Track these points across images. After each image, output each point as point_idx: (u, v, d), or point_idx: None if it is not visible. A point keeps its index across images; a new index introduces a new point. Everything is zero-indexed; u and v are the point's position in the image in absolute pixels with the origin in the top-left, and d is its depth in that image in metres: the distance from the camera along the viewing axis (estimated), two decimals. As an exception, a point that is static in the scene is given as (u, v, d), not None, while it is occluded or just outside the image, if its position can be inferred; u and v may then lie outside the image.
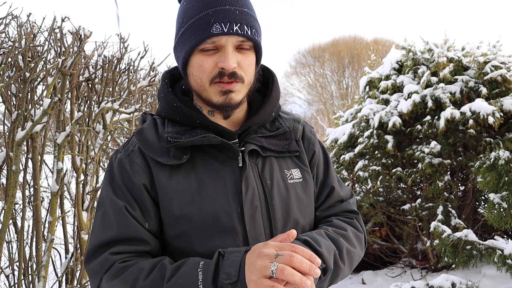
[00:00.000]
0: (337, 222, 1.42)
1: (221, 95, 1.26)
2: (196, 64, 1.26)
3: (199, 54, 1.25)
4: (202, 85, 1.27)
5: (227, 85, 1.25)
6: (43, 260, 3.14)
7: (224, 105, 1.28)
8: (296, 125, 1.48)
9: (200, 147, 1.30)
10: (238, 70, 1.25)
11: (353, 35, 36.05)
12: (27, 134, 2.97)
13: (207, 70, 1.24)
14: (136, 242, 1.24)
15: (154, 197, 1.27)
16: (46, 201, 3.57)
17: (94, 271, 1.23)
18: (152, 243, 1.27)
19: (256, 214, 1.27)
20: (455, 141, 5.05)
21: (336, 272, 1.30)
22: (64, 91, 3.23)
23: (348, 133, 6.02)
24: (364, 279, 5.64)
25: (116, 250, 1.23)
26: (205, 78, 1.25)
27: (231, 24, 1.21)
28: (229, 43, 1.23)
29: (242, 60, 1.26)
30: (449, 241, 4.01)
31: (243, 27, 1.22)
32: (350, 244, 1.37)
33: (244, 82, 1.28)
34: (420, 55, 5.72)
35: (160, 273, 1.17)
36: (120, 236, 1.24)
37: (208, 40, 1.22)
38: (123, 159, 1.31)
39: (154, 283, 1.16)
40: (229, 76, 1.24)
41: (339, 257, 1.30)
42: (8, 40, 3.05)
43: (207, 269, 1.13)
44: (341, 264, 1.31)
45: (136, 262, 1.21)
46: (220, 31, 1.20)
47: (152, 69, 3.93)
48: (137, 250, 1.25)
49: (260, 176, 1.31)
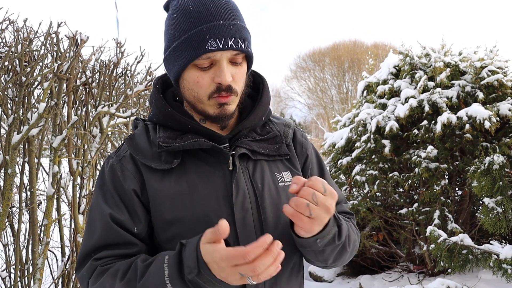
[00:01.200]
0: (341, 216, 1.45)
1: (217, 107, 1.29)
2: (191, 80, 1.27)
3: (193, 69, 1.26)
4: (200, 99, 1.29)
5: (224, 98, 1.27)
6: (39, 262, 3.15)
7: (220, 116, 1.30)
8: (287, 129, 1.49)
9: (191, 151, 1.31)
10: (233, 83, 1.27)
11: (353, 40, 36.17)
12: (23, 137, 2.98)
13: (204, 86, 1.26)
14: (120, 246, 1.26)
15: (144, 202, 1.29)
16: (43, 204, 3.58)
17: (82, 278, 1.26)
18: (138, 244, 1.28)
19: (247, 217, 1.28)
20: (451, 145, 5.05)
21: (342, 251, 1.33)
22: (60, 95, 3.24)
23: (346, 137, 6.03)
24: (361, 283, 5.64)
25: (100, 255, 1.25)
26: (202, 93, 1.27)
27: (226, 40, 1.22)
28: (223, 58, 1.24)
29: (235, 73, 1.28)
30: (445, 245, 4.02)
31: (237, 41, 1.24)
32: (354, 234, 1.41)
33: (237, 95, 1.30)
34: (417, 59, 5.74)
35: (134, 273, 1.17)
36: (103, 242, 1.25)
37: (203, 56, 1.23)
38: (115, 164, 1.32)
39: (129, 283, 1.16)
40: (225, 91, 1.26)
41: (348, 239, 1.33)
42: (5, 45, 3.07)
43: (172, 263, 1.12)
44: (347, 246, 1.34)
45: (115, 264, 1.23)
46: (216, 47, 1.21)
47: (148, 73, 3.95)
48: (121, 254, 1.26)
49: (251, 180, 1.33)
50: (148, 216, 1.29)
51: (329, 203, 1.13)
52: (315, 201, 1.10)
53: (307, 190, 1.10)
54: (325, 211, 1.12)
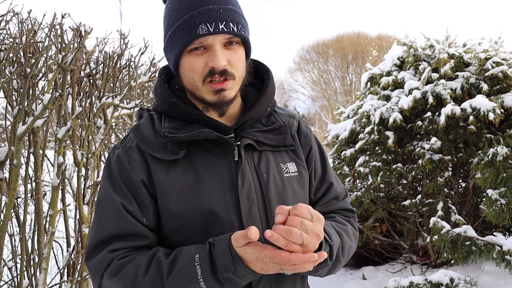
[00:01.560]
0: (339, 219, 1.46)
1: (214, 94, 1.29)
2: (187, 65, 1.29)
3: (188, 55, 1.27)
4: (195, 85, 1.30)
5: (219, 84, 1.27)
6: (44, 252, 3.18)
7: (218, 103, 1.31)
8: (291, 120, 1.50)
9: (197, 142, 1.32)
10: (229, 67, 1.27)
11: (357, 31, 36.04)
12: (28, 128, 3.00)
13: (198, 71, 1.27)
14: (134, 237, 1.27)
15: (152, 193, 1.29)
16: (48, 195, 3.60)
17: (94, 268, 1.26)
18: (150, 237, 1.29)
19: (252, 207, 1.29)
20: (455, 137, 5.05)
21: (335, 264, 1.34)
22: (64, 86, 3.25)
23: (349, 129, 6.03)
24: (364, 275, 5.66)
25: (114, 247, 1.25)
26: (197, 78, 1.28)
27: (217, 23, 1.23)
28: (216, 42, 1.25)
29: (231, 57, 1.28)
30: (448, 237, 4.03)
31: (229, 25, 1.25)
32: (350, 240, 1.42)
33: (235, 79, 1.30)
34: (421, 51, 5.72)
35: (158, 269, 1.19)
36: (118, 232, 1.26)
37: (196, 41, 1.24)
38: (121, 155, 1.33)
39: (154, 279, 1.18)
40: (220, 74, 1.26)
41: (341, 251, 1.34)
42: (9, 37, 3.07)
43: (203, 262, 1.15)
44: (341, 258, 1.35)
45: (133, 257, 1.24)
46: (206, 31, 1.23)
47: (152, 64, 3.95)
48: (135, 245, 1.27)
49: (256, 170, 1.34)
50: (156, 207, 1.30)
51: (318, 229, 1.13)
52: (305, 230, 1.09)
53: (294, 219, 1.09)
54: (315, 237, 1.12)
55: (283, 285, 1.34)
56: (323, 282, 5.74)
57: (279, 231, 1.07)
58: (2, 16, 2.92)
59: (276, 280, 1.32)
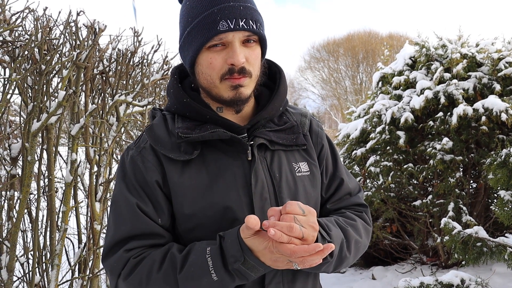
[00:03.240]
0: (348, 214, 1.46)
1: (231, 90, 1.29)
2: (205, 62, 1.29)
3: (207, 52, 1.28)
4: (213, 82, 1.30)
5: (237, 80, 1.27)
6: (57, 249, 3.20)
7: (235, 99, 1.30)
8: (303, 119, 1.50)
9: (210, 142, 1.32)
10: (247, 65, 1.28)
11: (368, 30, 35.89)
12: (42, 125, 3.02)
13: (216, 67, 1.27)
14: (150, 236, 1.28)
15: (166, 193, 1.30)
16: (60, 192, 3.63)
17: (112, 267, 1.27)
18: (166, 236, 1.30)
19: (265, 206, 1.30)
20: (467, 137, 5.02)
21: (341, 260, 1.34)
22: (78, 83, 3.28)
23: (360, 128, 6.01)
24: (374, 275, 5.65)
25: (131, 246, 1.27)
26: (215, 75, 1.28)
27: (237, 20, 1.24)
28: (236, 39, 1.25)
29: (249, 55, 1.28)
30: (459, 237, 4.01)
31: (249, 22, 1.25)
32: (358, 235, 1.41)
33: (252, 77, 1.31)
34: (433, 51, 5.68)
35: (172, 264, 1.21)
36: (134, 232, 1.27)
37: (216, 38, 1.24)
38: (135, 156, 1.33)
39: (167, 274, 1.20)
40: (238, 72, 1.26)
41: (346, 245, 1.34)
42: (25, 34, 3.10)
43: (214, 254, 1.17)
44: (347, 253, 1.34)
45: (148, 253, 1.25)
46: (227, 28, 1.23)
47: (165, 62, 3.97)
48: (151, 244, 1.28)
49: (269, 169, 1.34)
50: (171, 207, 1.31)
51: (312, 221, 1.15)
52: (299, 224, 1.11)
53: (287, 217, 1.11)
54: (311, 230, 1.14)
55: (295, 283, 1.35)
56: (332, 281, 5.74)
57: (280, 227, 1.08)
58: (18, 13, 2.95)
59: (288, 278, 1.33)
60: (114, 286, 1.28)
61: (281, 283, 1.31)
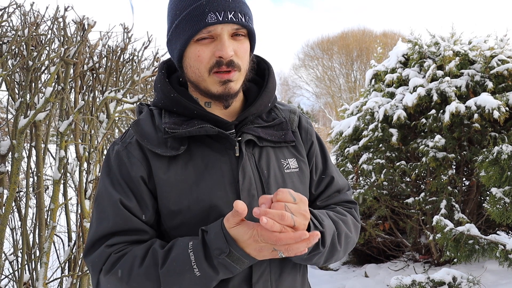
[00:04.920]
0: (338, 209, 1.46)
1: (220, 85, 1.27)
2: (193, 55, 1.27)
3: (195, 45, 1.26)
4: (201, 76, 1.28)
5: (226, 74, 1.26)
6: (45, 247, 3.17)
7: (224, 94, 1.29)
8: (292, 116, 1.49)
9: (197, 137, 1.31)
10: (235, 58, 1.26)
11: (362, 28, 35.91)
12: (29, 122, 2.99)
13: (204, 60, 1.25)
14: (133, 232, 1.26)
15: (151, 189, 1.28)
16: (49, 189, 3.60)
17: (93, 263, 1.25)
18: (150, 232, 1.28)
19: (253, 203, 1.28)
20: (459, 135, 5.03)
21: (332, 252, 1.33)
22: (67, 80, 3.24)
23: (353, 126, 6.01)
24: (367, 272, 5.65)
25: (113, 241, 1.25)
26: (203, 68, 1.26)
27: (226, 13, 1.22)
28: (224, 32, 1.24)
29: (238, 48, 1.27)
30: (451, 235, 4.01)
31: (237, 15, 1.24)
32: (348, 229, 1.40)
33: (241, 70, 1.29)
34: (426, 48, 5.69)
35: (153, 259, 1.19)
36: (116, 228, 1.25)
37: (204, 30, 1.23)
38: (121, 151, 1.31)
39: (149, 269, 1.18)
40: (227, 65, 1.25)
41: (337, 238, 1.33)
42: (12, 29, 3.06)
43: (196, 248, 1.15)
44: (338, 246, 1.34)
45: (130, 249, 1.23)
46: (215, 20, 1.21)
47: (156, 59, 3.94)
48: (134, 240, 1.26)
49: (257, 166, 1.33)
50: (156, 204, 1.29)
51: (303, 209, 1.14)
52: (290, 212, 1.10)
53: (278, 205, 1.09)
54: (302, 218, 1.13)
55: (283, 281, 1.33)
56: (325, 279, 5.74)
57: (272, 216, 1.07)
58: (4, 8, 2.91)
59: (275, 276, 1.31)
60: (96, 281, 1.26)
61: (269, 282, 1.30)
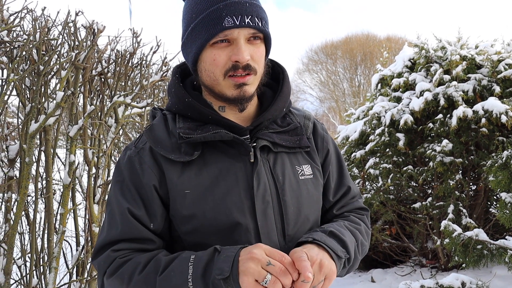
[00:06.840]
0: (352, 217, 1.46)
1: (235, 88, 1.27)
2: (208, 59, 1.26)
3: (210, 49, 1.25)
4: (216, 79, 1.27)
5: (241, 78, 1.25)
6: (55, 251, 3.17)
7: (239, 98, 1.28)
8: (307, 122, 1.47)
9: (211, 142, 1.30)
10: (251, 62, 1.26)
11: (366, 33, 35.89)
12: (40, 126, 2.99)
13: (220, 64, 1.25)
14: (140, 241, 1.27)
15: (163, 196, 1.28)
16: (58, 194, 3.60)
17: (99, 265, 1.26)
18: (156, 241, 1.28)
19: (267, 210, 1.27)
20: (467, 139, 5.01)
21: (354, 263, 1.34)
22: (77, 84, 3.25)
23: (360, 130, 6.00)
24: (373, 277, 5.63)
25: (119, 247, 1.26)
26: (218, 72, 1.26)
27: (243, 17, 1.22)
28: (241, 36, 1.23)
29: (254, 52, 1.26)
30: (460, 240, 4.00)
31: (254, 19, 1.23)
32: (363, 237, 1.41)
33: (256, 74, 1.29)
34: (433, 52, 5.68)
35: (155, 266, 1.19)
36: (124, 236, 1.26)
37: (220, 34, 1.22)
38: (133, 157, 1.31)
39: (148, 276, 1.17)
40: (243, 69, 1.24)
41: (357, 248, 1.34)
42: (23, 34, 3.07)
43: (197, 263, 1.14)
44: (358, 255, 1.35)
45: (134, 256, 1.23)
46: (232, 24, 1.21)
47: (164, 64, 3.94)
48: (140, 248, 1.27)
49: (271, 172, 1.32)
50: (165, 212, 1.28)
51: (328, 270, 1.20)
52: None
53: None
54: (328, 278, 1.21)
55: None
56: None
57: None
58: (16, 13, 2.93)
59: None
60: (101, 283, 1.28)
61: None
